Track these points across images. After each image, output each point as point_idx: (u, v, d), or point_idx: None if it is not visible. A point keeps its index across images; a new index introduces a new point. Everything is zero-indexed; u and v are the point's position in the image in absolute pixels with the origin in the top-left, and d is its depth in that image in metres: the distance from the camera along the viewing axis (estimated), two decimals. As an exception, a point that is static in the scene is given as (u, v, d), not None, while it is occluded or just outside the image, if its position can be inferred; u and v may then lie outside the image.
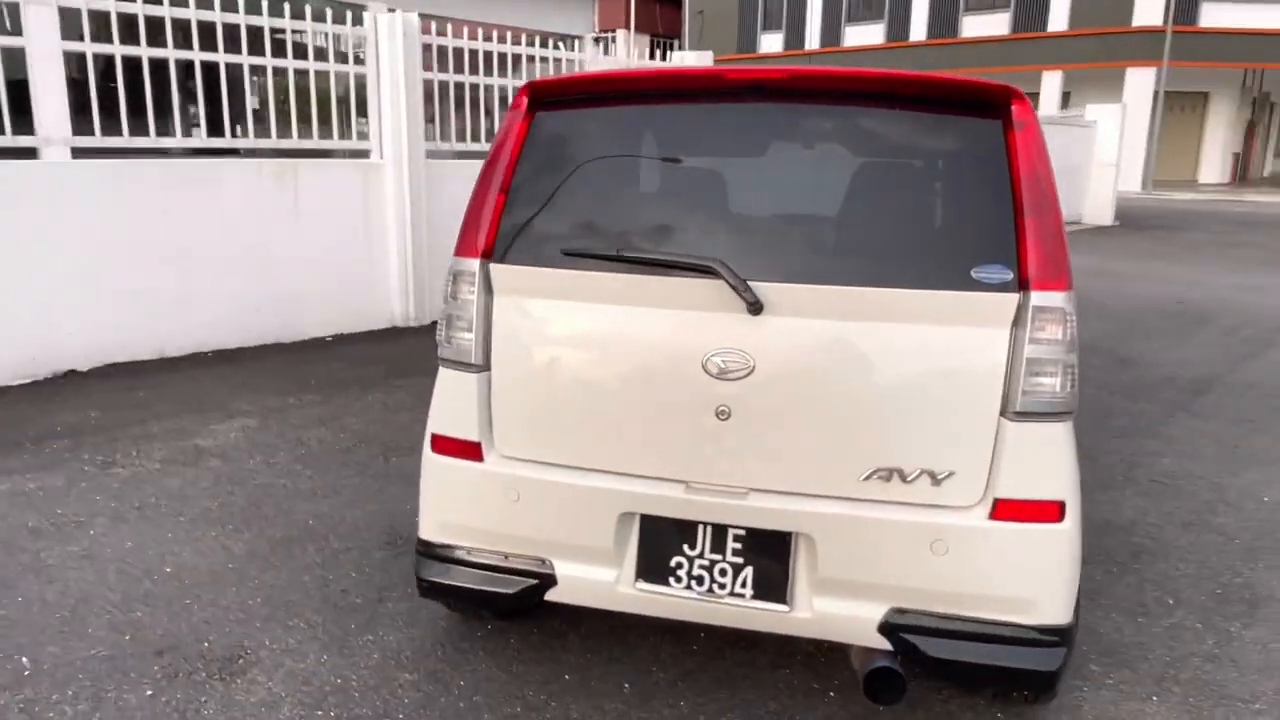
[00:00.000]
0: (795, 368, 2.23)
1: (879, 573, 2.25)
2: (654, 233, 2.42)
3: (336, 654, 2.75)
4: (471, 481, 2.50)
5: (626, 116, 2.53)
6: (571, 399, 2.41)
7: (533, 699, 2.56)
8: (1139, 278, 10.74)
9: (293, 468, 4.25)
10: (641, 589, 2.39)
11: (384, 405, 5.24)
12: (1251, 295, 9.58)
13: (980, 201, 2.22)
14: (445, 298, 2.54)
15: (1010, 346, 2.16)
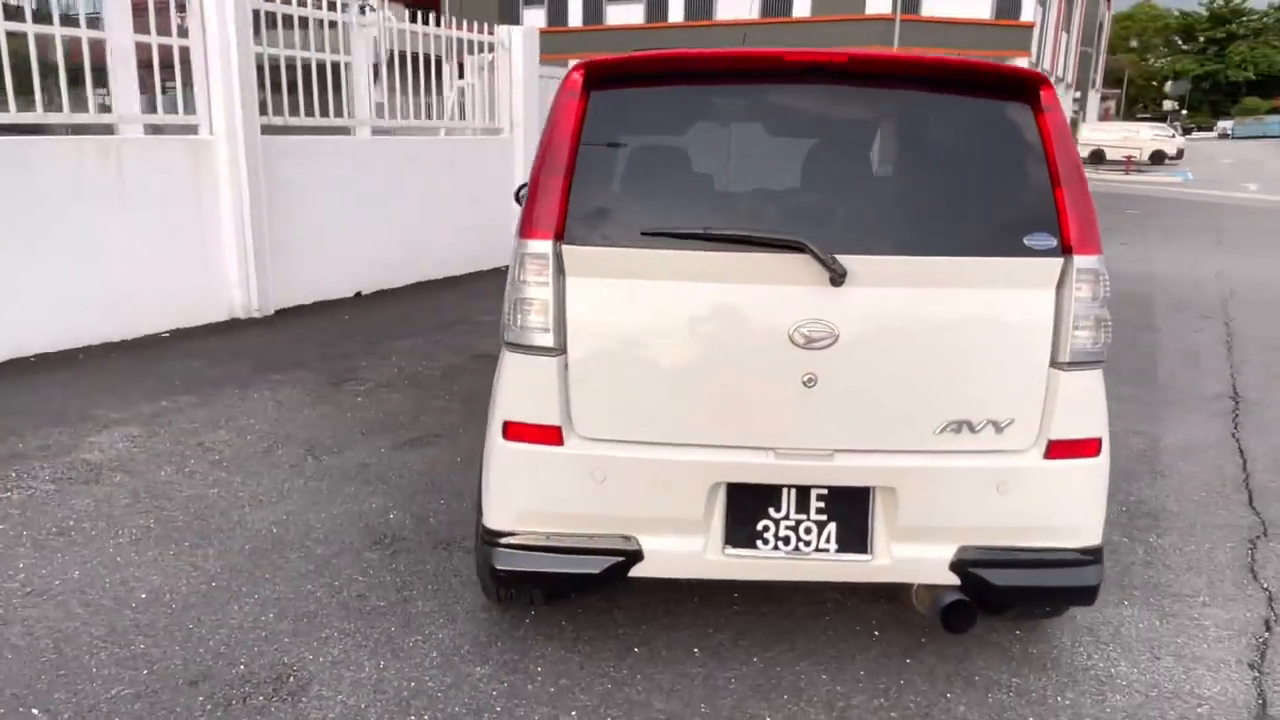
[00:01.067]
0: (874, 334, 2.40)
1: (951, 516, 2.48)
2: (725, 210, 2.51)
3: (393, 658, 2.64)
4: (552, 466, 2.48)
5: (685, 96, 2.57)
6: (656, 377, 2.45)
7: (616, 674, 2.59)
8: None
9: (215, 475, 3.92)
10: (730, 554, 2.48)
11: (277, 403, 4.91)
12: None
13: (1022, 176, 2.48)
14: (512, 282, 2.48)
15: (1056, 305, 2.44)
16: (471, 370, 5.62)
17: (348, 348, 6.08)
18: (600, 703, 2.47)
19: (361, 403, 4.95)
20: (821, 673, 2.64)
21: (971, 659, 2.72)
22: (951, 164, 2.53)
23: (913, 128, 2.58)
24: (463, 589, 3.02)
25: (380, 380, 5.37)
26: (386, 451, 4.25)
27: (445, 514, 3.59)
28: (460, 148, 8.98)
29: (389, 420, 4.67)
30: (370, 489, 3.83)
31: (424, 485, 3.87)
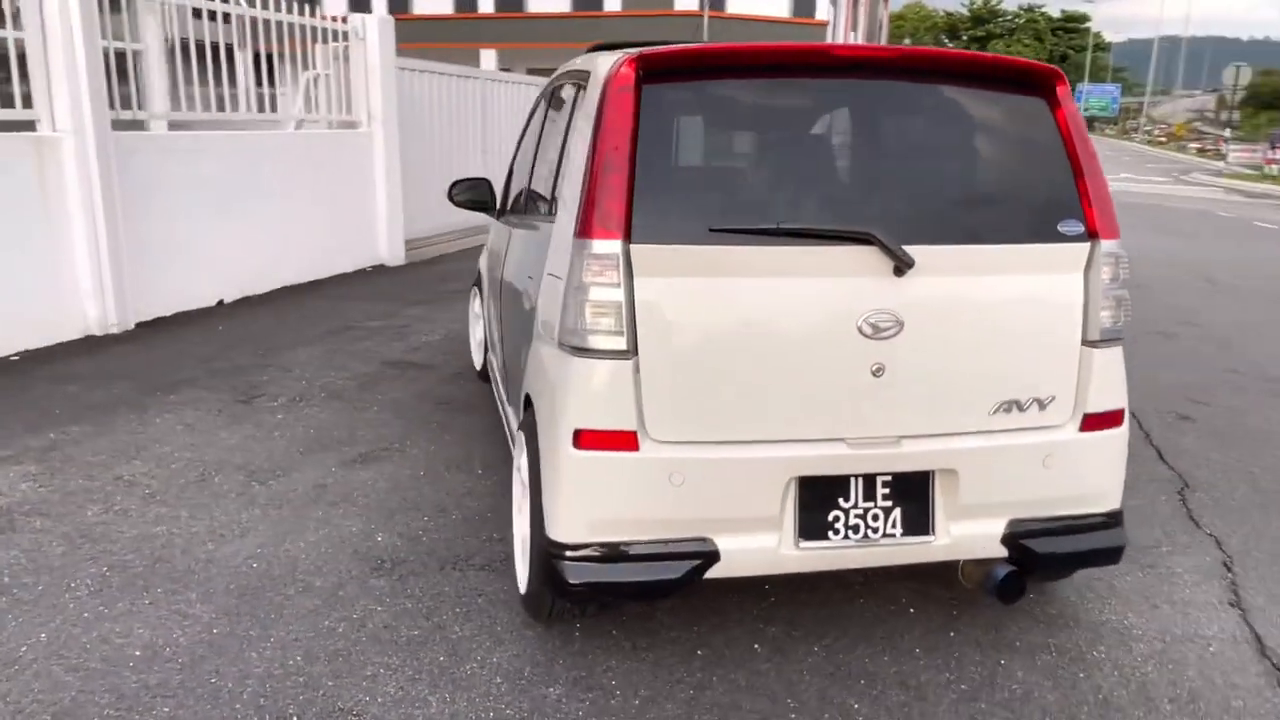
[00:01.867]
0: (934, 321, 2.49)
1: (1003, 492, 2.61)
2: (786, 204, 2.51)
3: (456, 689, 2.48)
4: (628, 472, 2.41)
5: (735, 90, 2.56)
6: (729, 375, 2.43)
7: (691, 679, 2.56)
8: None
9: (154, 511, 3.54)
10: (804, 548, 2.50)
11: (186, 426, 4.48)
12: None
13: (1050, 165, 2.63)
14: (575, 286, 2.38)
15: (1085, 287, 2.61)
16: (389, 379, 5.33)
17: (237, 361, 5.62)
18: (689, 710, 2.43)
19: (284, 420, 4.59)
20: (882, 654, 2.70)
21: (1005, 626, 2.87)
22: (988, 155, 2.65)
23: (953, 121, 2.68)
24: (494, 609, 2.88)
25: (293, 395, 5.00)
26: (338, 470, 3.97)
27: (436, 532, 3.41)
28: (318, 143, 8.47)
29: (323, 437, 4.37)
30: (340, 512, 3.57)
31: (397, 504, 3.65)
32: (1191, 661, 2.71)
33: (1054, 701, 2.51)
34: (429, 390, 5.14)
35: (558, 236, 2.67)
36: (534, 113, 4.23)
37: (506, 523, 3.47)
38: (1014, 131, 2.66)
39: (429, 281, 8.48)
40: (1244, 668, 2.70)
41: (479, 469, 4.02)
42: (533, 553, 2.61)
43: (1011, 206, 2.63)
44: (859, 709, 2.45)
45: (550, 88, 3.69)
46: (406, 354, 5.89)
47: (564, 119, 3.07)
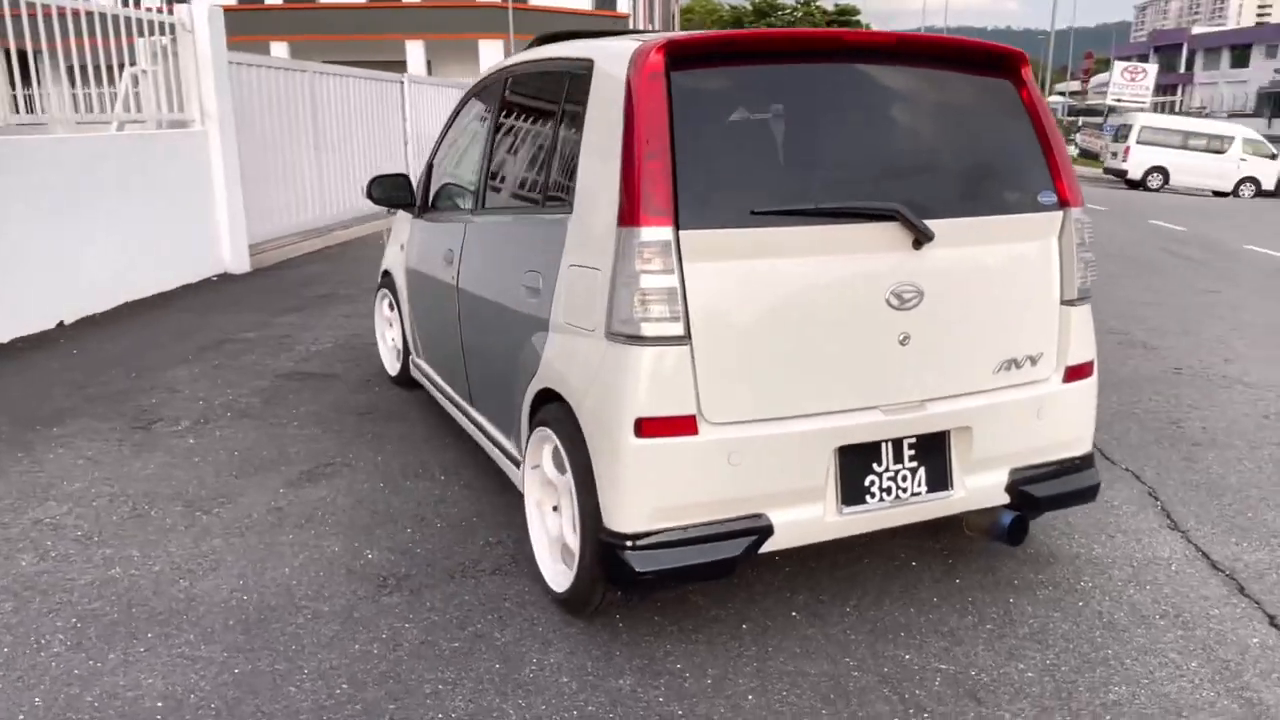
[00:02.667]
0: (948, 289, 2.66)
1: (1006, 444, 2.83)
2: (815, 185, 2.60)
3: (528, 694, 2.43)
4: (688, 457, 2.44)
5: (758, 75, 2.62)
6: (775, 353, 2.50)
7: (749, 653, 2.62)
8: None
9: (100, 553, 3.22)
10: (846, 514, 2.62)
11: (89, 460, 4.07)
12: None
13: (1025, 142, 2.86)
14: (625, 275, 2.38)
15: (1059, 251, 2.86)
16: (293, 392, 5.04)
17: (112, 385, 5.14)
18: (761, 682, 2.49)
19: (198, 444, 4.26)
20: (907, 607, 2.87)
21: (998, 569, 3.11)
22: (975, 132, 2.85)
23: (945, 101, 2.85)
24: (526, 610, 2.83)
25: (195, 416, 4.63)
26: (287, 491, 3.74)
27: (427, 542, 3.29)
28: (149, 145, 7.79)
29: (252, 458, 4.09)
30: (312, 533, 3.37)
31: (370, 518, 3.49)
32: (1163, 581, 3.04)
33: (1070, 630, 2.75)
34: (343, 401, 4.90)
35: (578, 228, 2.64)
36: (470, 108, 4.11)
37: (500, 525, 3.40)
38: (994, 110, 2.86)
39: (288, 288, 8.02)
40: (1205, 581, 3.05)
41: (440, 475, 3.89)
42: (584, 547, 2.58)
43: (999, 180, 2.84)
44: (911, 660, 2.60)
45: (504, 81, 3.59)
46: (299, 365, 5.58)
47: (555, 110, 3.01)
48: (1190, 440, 4.36)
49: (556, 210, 2.84)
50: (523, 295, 2.97)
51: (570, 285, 2.66)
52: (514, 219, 3.23)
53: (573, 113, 2.86)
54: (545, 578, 2.89)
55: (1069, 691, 2.46)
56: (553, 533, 2.88)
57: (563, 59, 3.03)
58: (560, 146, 2.94)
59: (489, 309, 3.30)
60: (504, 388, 3.23)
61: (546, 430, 2.81)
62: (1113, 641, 2.69)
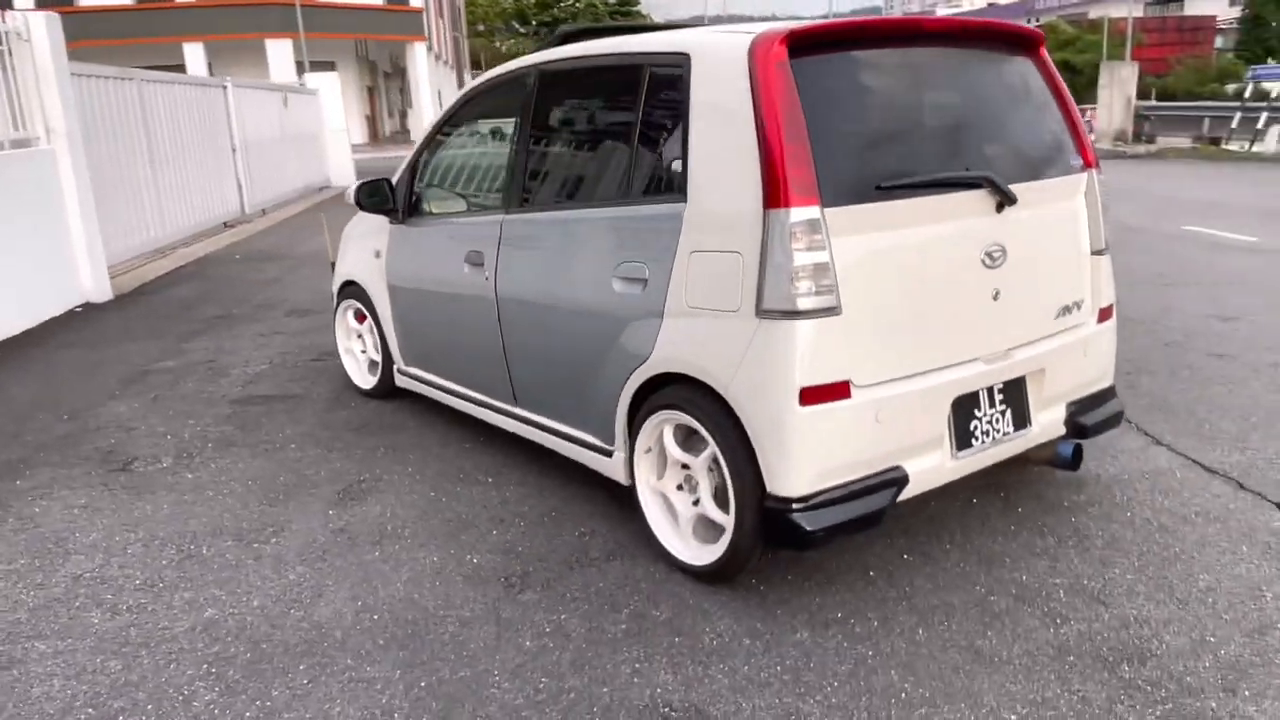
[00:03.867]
0: (1024, 246, 2.98)
1: (1065, 381, 3.20)
2: (921, 157, 2.85)
3: (721, 659, 2.55)
4: (844, 419, 2.63)
5: (859, 60, 2.82)
6: (903, 316, 2.73)
7: (895, 594, 2.85)
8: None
9: (180, 598, 3.03)
10: (958, 458, 2.91)
11: (87, 509, 3.77)
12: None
13: (1054, 111, 3.23)
14: (779, 254, 2.53)
15: (1086, 209, 3.26)
16: (264, 415, 4.80)
17: (53, 431, 4.70)
18: (919, 617, 2.73)
19: (199, 479, 4.01)
20: (996, 537, 3.20)
21: (1045, 495, 3.50)
22: (1021, 104, 3.18)
23: (998, 77, 3.16)
24: (665, 587, 2.93)
25: (173, 451, 4.35)
26: (338, 513, 3.62)
27: (522, 542, 3.30)
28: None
29: (273, 485, 3.91)
30: (398, 548, 3.30)
31: (446, 527, 3.45)
32: (1178, 487, 3.53)
33: (1134, 536, 3.16)
34: (327, 420, 4.72)
35: (699, 216, 2.75)
36: (477, 109, 4.07)
37: (581, 516, 3.46)
38: (1031, 83, 3.20)
39: (170, 312, 7.48)
40: (1209, 483, 3.57)
41: (486, 479, 3.87)
42: (741, 516, 2.71)
43: (1044, 146, 3.19)
44: (1028, 580, 2.92)
45: (534, 78, 3.58)
46: (249, 389, 5.29)
47: (631, 104, 3.08)
48: (1122, 370, 4.97)
49: (658, 201, 2.93)
50: (616, 287, 3.04)
51: (695, 271, 2.77)
52: (586, 215, 3.26)
53: (664, 105, 2.95)
54: (675, 554, 3.00)
55: (1168, 585, 2.85)
56: (684, 511, 2.98)
57: (636, 54, 3.11)
58: (646, 139, 3.03)
59: (553, 307, 3.33)
60: (580, 382, 3.29)
61: (671, 413, 2.91)
62: (1173, 541, 3.12)
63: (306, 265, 9.49)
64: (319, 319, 6.93)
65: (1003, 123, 3.14)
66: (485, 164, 4.08)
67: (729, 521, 2.79)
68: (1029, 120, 3.18)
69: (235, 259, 10.21)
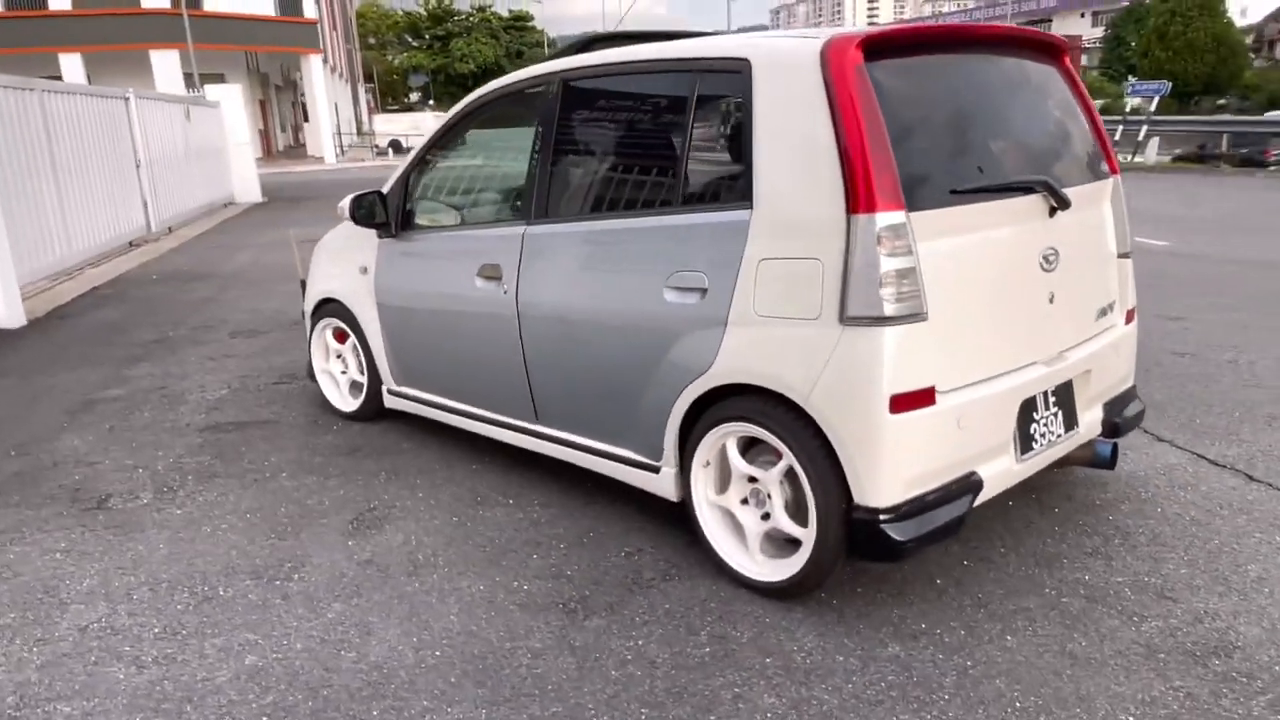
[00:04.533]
0: (1073, 249, 3.03)
1: (1103, 381, 3.26)
2: (986, 163, 2.86)
3: (822, 678, 2.48)
4: (930, 426, 2.60)
5: (927, 64, 2.82)
6: (976, 320, 2.73)
7: (972, 602, 2.83)
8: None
9: (210, 645, 2.79)
10: (1022, 461, 2.92)
11: (71, 553, 3.45)
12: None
13: (1083, 118, 3.30)
14: (865, 260, 2.49)
15: (1113, 213, 3.35)
16: (241, 444, 4.51)
17: (4, 469, 4.31)
18: (1002, 624, 2.72)
19: (188, 514, 3.73)
20: (1045, 539, 3.23)
21: (1075, 495, 3.56)
22: (1057, 111, 3.22)
23: (1040, 84, 3.20)
24: (736, 606, 2.86)
25: (150, 486, 4.03)
26: (358, 544, 3.41)
27: (569, 566, 3.17)
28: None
29: (274, 517, 3.66)
30: (438, 578, 3.13)
31: (483, 554, 3.29)
32: (1194, 482, 3.65)
33: (1173, 531, 3.25)
34: (313, 445, 4.46)
35: (769, 223, 2.69)
36: (482, 118, 3.91)
37: (623, 535, 3.37)
38: (1063, 90, 3.26)
39: (99, 337, 6.98)
40: (1220, 475, 3.70)
41: (507, 500, 3.72)
42: (825, 528, 2.65)
43: (1079, 152, 3.25)
44: (1092, 580, 2.95)
45: (557, 86, 3.44)
46: (214, 417, 4.97)
47: (680, 111, 3.00)
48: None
49: (717, 208, 2.86)
50: (668, 297, 2.95)
51: (765, 279, 2.70)
52: (629, 224, 3.14)
53: (719, 111, 2.89)
54: (742, 572, 2.92)
55: (1224, 578, 2.92)
56: (751, 526, 2.91)
57: (684, 59, 3.03)
58: (699, 146, 2.96)
59: (590, 320, 3.21)
60: (621, 396, 3.18)
61: (737, 425, 2.84)
62: (1210, 534, 3.21)
63: (235, 285, 9.04)
64: (270, 340, 6.59)
65: (1046, 128, 3.19)
66: (495, 175, 3.94)
67: (808, 535, 2.73)
68: (1066, 126, 3.24)
69: (154, 279, 9.65)
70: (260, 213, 16.14)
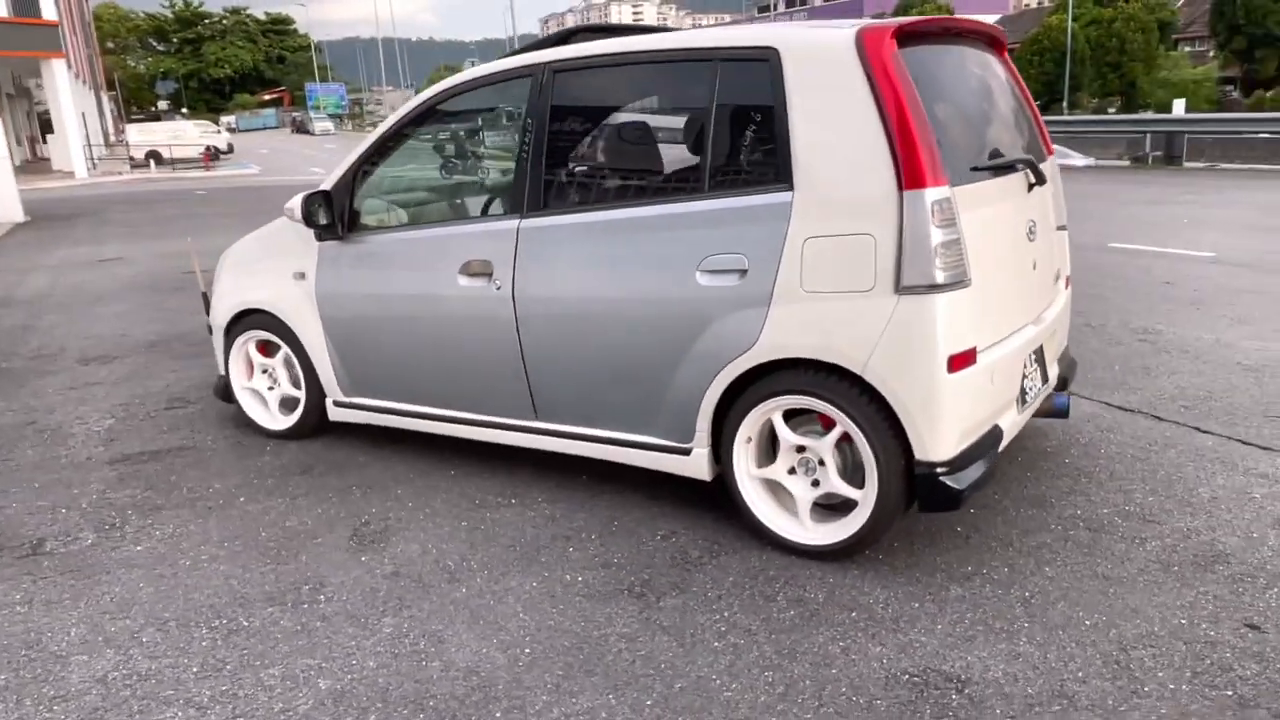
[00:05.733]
0: (1041, 221, 3.39)
1: (1058, 342, 3.67)
2: (985, 143, 3.13)
3: (923, 633, 2.66)
4: (975, 383, 2.85)
5: (936, 53, 3.06)
6: (996, 284, 2.99)
7: (983, 565, 3.11)
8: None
9: (265, 677, 2.59)
10: (1021, 414, 3.24)
11: (28, 603, 3.08)
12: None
13: (1024, 103, 3.67)
14: (919, 233, 2.69)
15: (1053, 190, 3.76)
16: (172, 474, 4.13)
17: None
18: (1035, 570, 3.01)
19: (155, 550, 3.39)
20: (1022, 509, 3.56)
21: (1030, 464, 3.95)
22: (1014, 97, 3.57)
23: (1001, 73, 3.51)
24: (798, 572, 2.98)
25: (83, 525, 3.62)
26: (372, 559, 3.24)
27: (612, 555, 3.17)
28: None
29: (256, 543, 3.40)
30: (481, 581, 3.04)
31: (512, 554, 3.22)
32: (1116, 426, 4.15)
33: (1124, 470, 3.68)
34: (256, 467, 4.16)
35: (813, 203, 2.83)
36: (448, 113, 3.80)
37: (651, 519, 3.41)
38: (1012, 80, 3.61)
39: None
40: (1133, 420, 4.23)
41: (511, 500, 3.65)
42: (887, 486, 2.83)
43: (1031, 134, 3.61)
44: (1083, 514, 3.30)
45: (545, 76, 3.40)
46: (118, 448, 4.51)
47: (702, 98, 3.08)
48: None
49: (752, 192, 2.96)
50: (702, 281, 3.02)
51: (812, 256, 2.84)
52: (649, 213, 3.16)
53: (745, 100, 3.01)
54: (792, 539, 3.05)
55: (1185, 500, 3.37)
56: (802, 494, 3.03)
57: (701, 49, 3.11)
58: (724, 134, 3.05)
59: (606, 310, 3.22)
60: (644, 383, 3.23)
61: (787, 398, 2.96)
62: (1154, 468, 3.68)
63: (48, 310, 8.11)
64: (131, 365, 6.02)
65: (1011, 111, 3.52)
66: (468, 170, 3.84)
67: (865, 495, 2.90)
68: (1021, 110, 3.60)
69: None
70: (29, 232, 14.48)
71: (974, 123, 3.22)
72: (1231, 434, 3.98)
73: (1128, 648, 2.51)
